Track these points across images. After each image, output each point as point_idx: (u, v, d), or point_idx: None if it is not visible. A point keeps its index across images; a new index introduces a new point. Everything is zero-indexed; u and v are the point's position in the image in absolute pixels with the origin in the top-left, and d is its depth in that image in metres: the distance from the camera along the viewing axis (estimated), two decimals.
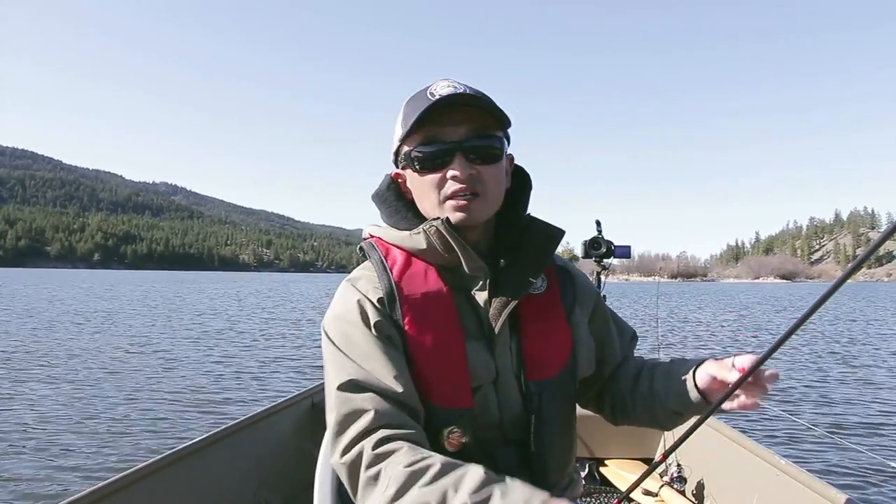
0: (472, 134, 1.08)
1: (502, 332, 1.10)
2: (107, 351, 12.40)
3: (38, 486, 4.75)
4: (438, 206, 1.09)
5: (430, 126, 1.07)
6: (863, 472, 5.42)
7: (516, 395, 1.10)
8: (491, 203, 1.11)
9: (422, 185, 1.11)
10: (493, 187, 1.10)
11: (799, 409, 7.94)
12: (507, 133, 1.16)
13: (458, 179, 1.06)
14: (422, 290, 1.10)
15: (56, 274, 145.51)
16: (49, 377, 9.29)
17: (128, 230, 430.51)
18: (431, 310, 1.09)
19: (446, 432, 1.03)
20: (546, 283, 1.18)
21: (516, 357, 1.11)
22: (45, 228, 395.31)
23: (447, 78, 1.12)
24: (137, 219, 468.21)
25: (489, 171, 1.09)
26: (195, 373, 10.01)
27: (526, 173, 1.23)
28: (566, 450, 1.18)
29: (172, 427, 6.58)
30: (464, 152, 1.07)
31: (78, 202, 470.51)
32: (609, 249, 3.90)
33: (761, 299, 49.92)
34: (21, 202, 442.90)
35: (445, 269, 1.12)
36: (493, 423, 1.09)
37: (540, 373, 1.11)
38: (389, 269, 1.12)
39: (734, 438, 2.85)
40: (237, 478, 2.48)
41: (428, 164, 1.09)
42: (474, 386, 1.07)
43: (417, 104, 1.08)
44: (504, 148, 1.13)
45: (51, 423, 6.61)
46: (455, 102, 1.06)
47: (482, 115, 1.08)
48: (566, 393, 1.15)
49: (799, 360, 12.57)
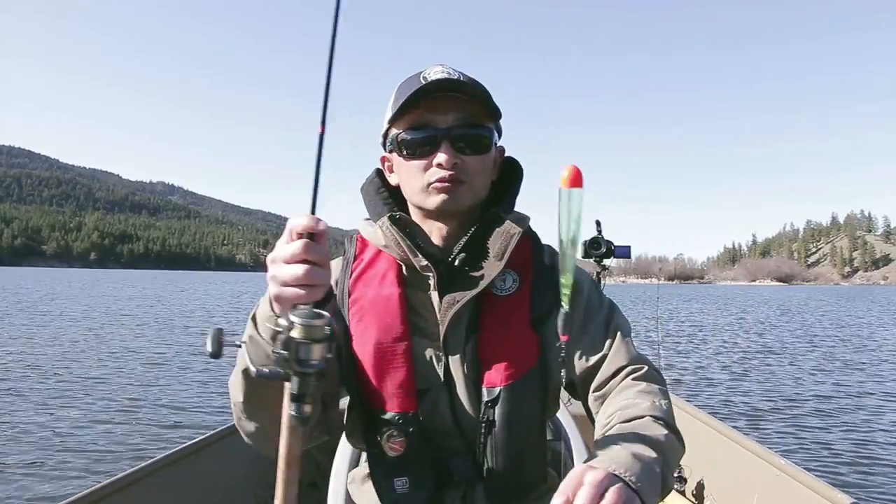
0: (461, 122, 1.05)
1: (455, 334, 1.07)
2: (110, 350, 12.34)
3: (39, 486, 4.72)
4: (421, 192, 1.08)
5: (420, 111, 1.05)
6: (864, 473, 5.40)
7: (472, 401, 1.06)
8: (474, 192, 1.09)
9: (407, 170, 1.09)
10: (477, 177, 1.08)
11: (801, 409, 7.93)
12: (499, 124, 1.13)
13: (444, 167, 1.04)
14: (375, 289, 1.09)
15: (52, 273, 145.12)
16: (48, 377, 9.22)
17: (124, 229, 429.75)
18: (379, 310, 1.07)
19: (385, 436, 1.01)
20: (518, 283, 1.11)
21: (471, 361, 1.07)
22: (41, 227, 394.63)
23: (442, 63, 1.09)
24: (134, 218, 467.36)
25: (475, 161, 1.07)
26: (196, 372, 9.96)
27: (518, 166, 1.20)
28: (527, 460, 1.09)
29: (173, 427, 6.53)
30: (451, 140, 1.04)
31: (74, 201, 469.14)
32: (609, 250, 3.87)
33: (759, 301, 49.96)
34: (17, 201, 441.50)
35: (408, 265, 1.10)
36: (446, 429, 1.07)
37: (495, 379, 1.05)
38: (353, 268, 1.13)
39: (734, 438, 2.82)
40: (237, 478, 2.45)
41: (414, 150, 1.07)
42: (421, 388, 1.05)
43: (408, 87, 1.05)
44: (493, 139, 1.11)
45: (50, 422, 6.55)
46: (446, 88, 1.04)
47: (473, 104, 1.06)
48: (528, 401, 1.07)
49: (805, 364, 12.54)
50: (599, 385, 1.07)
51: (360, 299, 1.09)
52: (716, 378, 10.41)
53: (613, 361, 1.08)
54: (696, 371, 11.15)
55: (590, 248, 3.87)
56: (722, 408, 7.95)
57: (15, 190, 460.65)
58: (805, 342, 16.65)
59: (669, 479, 0.87)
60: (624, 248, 3.93)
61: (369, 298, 1.09)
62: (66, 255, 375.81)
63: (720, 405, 8.17)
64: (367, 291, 1.10)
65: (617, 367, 1.07)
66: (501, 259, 1.08)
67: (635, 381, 1.05)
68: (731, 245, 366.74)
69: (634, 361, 1.08)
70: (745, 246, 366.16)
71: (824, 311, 35.18)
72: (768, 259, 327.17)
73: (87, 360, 11.00)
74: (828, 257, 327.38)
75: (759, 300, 54.06)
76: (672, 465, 0.91)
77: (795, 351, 14.52)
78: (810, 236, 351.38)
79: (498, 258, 1.08)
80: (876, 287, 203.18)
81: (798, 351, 14.53)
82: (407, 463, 1.02)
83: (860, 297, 65.81)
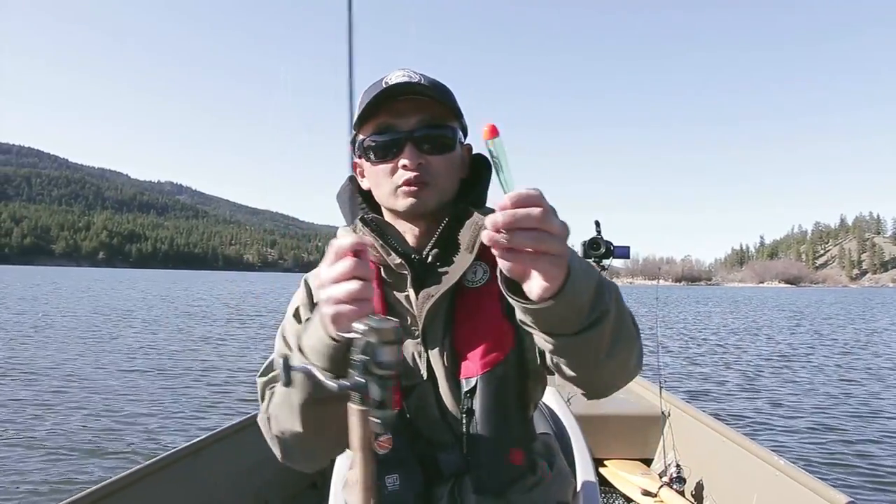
0: (423, 124, 1.07)
1: (433, 329, 1.09)
2: (115, 348, 12.42)
3: (39, 486, 4.73)
4: (390, 195, 1.10)
5: (383, 115, 1.07)
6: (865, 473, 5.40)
7: (454, 394, 1.08)
8: (441, 192, 1.11)
9: (375, 175, 1.11)
10: (443, 177, 1.10)
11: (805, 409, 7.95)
12: (463, 123, 1.15)
13: (408, 168, 1.06)
14: None
15: (60, 272, 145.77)
16: (54, 374, 9.30)
17: (133, 229, 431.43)
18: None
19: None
20: (488, 274, 1.12)
21: (450, 354, 1.09)
22: (50, 226, 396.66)
23: (404, 67, 1.11)
24: (142, 218, 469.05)
25: (439, 161, 1.09)
26: (196, 372, 10.01)
27: (487, 163, 1.19)
28: (507, 447, 1.09)
29: (173, 427, 6.58)
30: (414, 142, 1.06)
31: (83, 200, 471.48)
32: (608, 250, 3.88)
33: (768, 304, 49.75)
34: (27, 200, 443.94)
35: (385, 266, 1.13)
36: (434, 424, 1.09)
37: (471, 370, 1.07)
38: None
39: (734, 439, 2.81)
40: (239, 477, 2.44)
41: (380, 154, 1.08)
42: (407, 385, 1.07)
43: (370, 93, 1.07)
44: (457, 137, 1.13)
45: (52, 422, 6.62)
46: (405, 91, 1.06)
47: (435, 105, 1.08)
48: (506, 389, 1.08)
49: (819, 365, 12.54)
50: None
51: None
52: (716, 378, 10.39)
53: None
54: (696, 371, 11.14)
55: (589, 249, 3.89)
56: (723, 408, 7.94)
57: (25, 189, 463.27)
58: (805, 342, 16.62)
59: (605, 296, 0.83)
60: (623, 249, 3.94)
61: None
62: (75, 255, 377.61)
63: (721, 406, 8.16)
64: None
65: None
66: (472, 251, 1.10)
67: None
68: (739, 247, 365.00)
69: None
70: (752, 248, 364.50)
71: (833, 314, 35.01)
72: (776, 261, 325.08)
73: (93, 359, 11.08)
74: (836, 259, 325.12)
75: (770, 303, 53.71)
76: (612, 298, 0.85)
77: (795, 351, 14.49)
78: (818, 238, 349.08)
79: (468, 250, 1.11)
80: (885, 289, 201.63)
81: (798, 351, 14.51)
82: (396, 460, 1.03)
83: (871, 300, 65.27)
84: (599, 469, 3.44)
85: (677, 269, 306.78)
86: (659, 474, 3.24)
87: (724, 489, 2.82)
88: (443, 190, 1.11)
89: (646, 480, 3.24)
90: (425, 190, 1.07)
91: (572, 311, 0.77)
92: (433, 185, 1.08)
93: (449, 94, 1.11)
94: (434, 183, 1.08)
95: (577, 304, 0.77)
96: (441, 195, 1.11)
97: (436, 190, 1.09)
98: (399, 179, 1.07)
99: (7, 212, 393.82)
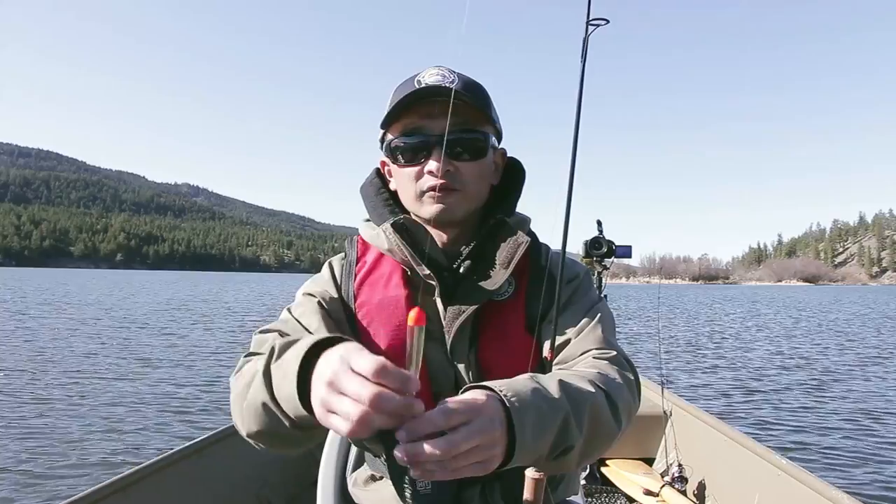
0: (455, 127, 1.00)
1: (461, 343, 1.06)
2: (125, 348, 12.51)
3: (39, 486, 4.73)
4: (415, 200, 1.06)
5: (413, 116, 1.03)
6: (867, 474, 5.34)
7: None
8: (470, 199, 1.06)
9: (401, 177, 1.08)
10: (472, 183, 1.06)
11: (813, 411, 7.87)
12: (498, 127, 1.11)
13: (434, 174, 1.02)
14: (381, 292, 1.09)
15: (79, 274, 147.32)
16: (63, 374, 9.38)
17: (150, 231, 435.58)
18: (388, 313, 1.07)
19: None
20: (514, 287, 1.09)
21: (475, 370, 1.06)
22: (69, 229, 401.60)
23: (440, 66, 1.05)
24: (160, 219, 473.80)
25: (469, 167, 1.04)
26: (198, 372, 10.05)
27: (521, 168, 1.17)
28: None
29: (176, 427, 6.62)
30: (443, 146, 1.00)
31: (101, 203, 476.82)
32: (610, 249, 3.86)
33: (784, 303, 49.23)
34: (46, 203, 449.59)
35: (412, 269, 1.09)
36: None
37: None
38: (357, 271, 1.12)
39: (735, 438, 2.80)
40: (239, 477, 2.44)
41: (407, 156, 1.04)
42: (435, 391, 1.05)
43: (402, 91, 1.02)
44: (489, 143, 1.07)
45: (55, 421, 6.68)
46: (438, 93, 1.00)
47: (468, 108, 1.02)
48: None
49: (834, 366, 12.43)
50: (562, 361, 1.06)
51: (366, 303, 1.08)
52: (718, 377, 10.28)
53: (583, 343, 1.05)
54: (698, 371, 11.05)
55: (591, 248, 3.85)
56: (722, 409, 7.91)
57: (43, 192, 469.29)
58: (807, 342, 16.48)
59: (572, 432, 0.80)
60: (625, 248, 3.93)
61: (376, 301, 1.08)
62: (93, 256, 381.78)
63: (723, 405, 8.11)
64: (374, 295, 1.09)
65: (585, 349, 1.04)
66: (507, 267, 1.07)
67: (597, 359, 1.01)
68: (757, 245, 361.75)
69: (604, 346, 1.04)
70: (770, 246, 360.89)
71: (853, 311, 34.59)
72: (794, 259, 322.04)
73: (101, 360, 11.16)
74: (855, 257, 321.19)
75: (778, 303, 53.15)
76: (583, 423, 0.82)
77: (797, 352, 14.38)
78: (837, 236, 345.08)
79: (504, 266, 1.07)
80: None
81: (799, 352, 14.39)
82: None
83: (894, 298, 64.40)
84: (601, 468, 3.45)
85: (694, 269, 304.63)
86: (661, 474, 3.25)
87: (726, 489, 2.82)
88: (471, 197, 1.06)
89: (648, 480, 3.24)
90: (452, 197, 1.03)
91: (527, 462, 0.76)
92: (461, 192, 1.04)
93: (483, 97, 1.06)
94: (462, 190, 1.04)
95: (530, 460, 0.75)
96: (469, 203, 1.07)
97: (463, 198, 1.05)
98: (425, 185, 1.03)
99: (27, 214, 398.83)
